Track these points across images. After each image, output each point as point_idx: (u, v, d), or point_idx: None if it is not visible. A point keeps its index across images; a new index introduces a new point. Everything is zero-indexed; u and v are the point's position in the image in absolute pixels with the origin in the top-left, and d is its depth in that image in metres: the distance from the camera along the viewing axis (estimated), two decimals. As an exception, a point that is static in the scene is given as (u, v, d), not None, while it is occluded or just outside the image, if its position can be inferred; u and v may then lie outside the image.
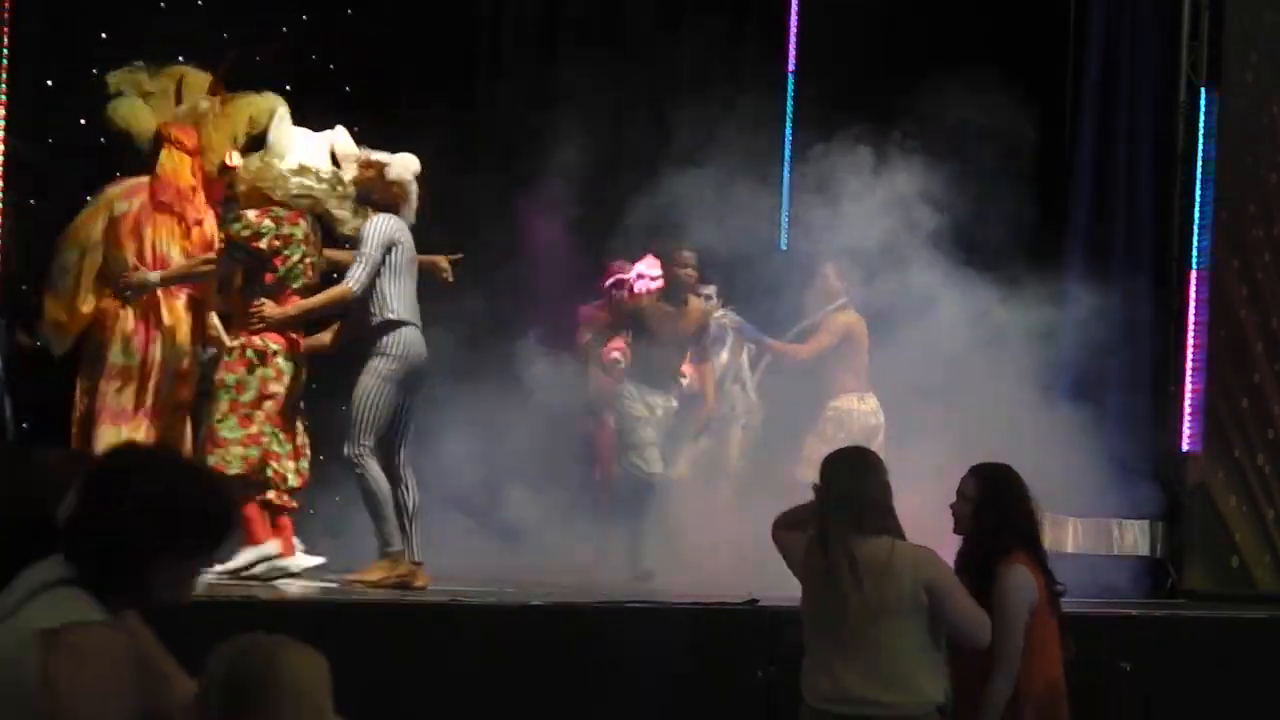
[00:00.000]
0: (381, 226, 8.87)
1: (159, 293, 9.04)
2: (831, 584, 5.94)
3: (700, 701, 7.96)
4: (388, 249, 8.83)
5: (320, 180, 9.08)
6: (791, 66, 12.13)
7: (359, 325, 8.96)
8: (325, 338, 9.26)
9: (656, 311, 10.68)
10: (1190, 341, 13.08)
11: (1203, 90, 13.47)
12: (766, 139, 11.29)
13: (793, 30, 12.36)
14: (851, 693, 5.93)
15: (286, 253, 8.97)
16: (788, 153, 12.01)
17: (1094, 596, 11.04)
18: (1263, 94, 13.14)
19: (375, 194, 9.06)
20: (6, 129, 10.25)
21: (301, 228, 9.01)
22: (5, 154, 10.25)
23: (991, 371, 10.91)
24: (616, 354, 10.99)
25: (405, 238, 8.93)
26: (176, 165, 9.30)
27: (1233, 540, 12.80)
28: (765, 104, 11.35)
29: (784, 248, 12.18)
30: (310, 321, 9.11)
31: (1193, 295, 13.17)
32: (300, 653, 3.57)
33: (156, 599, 3.52)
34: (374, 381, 8.77)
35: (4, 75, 10.22)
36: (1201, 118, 13.42)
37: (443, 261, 9.42)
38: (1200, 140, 13.41)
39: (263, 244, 8.92)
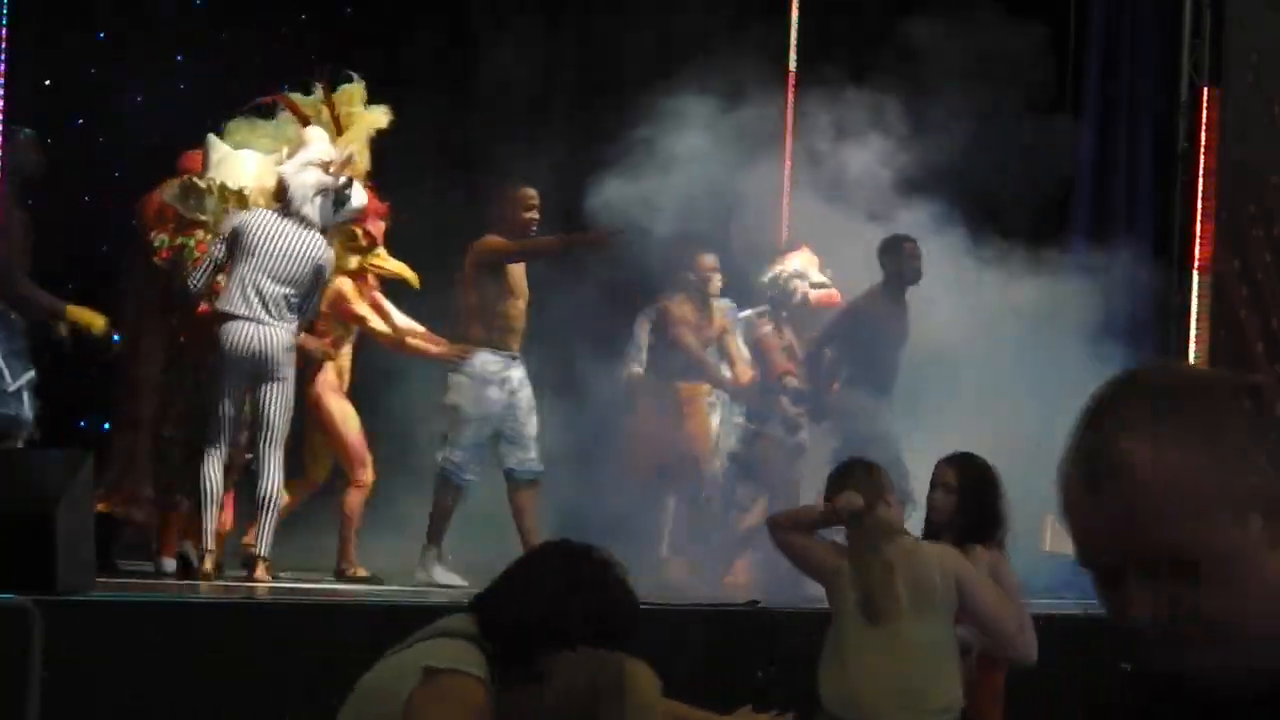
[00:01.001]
0: (225, 223, 9.03)
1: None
2: (868, 587, 5.91)
3: (700, 702, 7.94)
4: (229, 243, 8.93)
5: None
6: (793, 66, 12.11)
7: None
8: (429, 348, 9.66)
9: (884, 309, 10.23)
10: (1191, 342, 13.07)
11: (1204, 90, 13.46)
12: (767, 135, 11.24)
13: (793, 30, 12.34)
14: (889, 700, 5.87)
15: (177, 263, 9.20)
16: (789, 150, 11.97)
17: (1094, 597, 11.00)
18: (1263, 94, 13.14)
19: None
20: (6, 128, 10.24)
21: (195, 238, 9.14)
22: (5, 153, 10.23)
23: (991, 370, 10.89)
24: (793, 380, 10.68)
25: (249, 227, 8.91)
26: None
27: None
28: (766, 98, 11.29)
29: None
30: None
31: (1194, 296, 13.16)
32: (644, 667, 3.93)
33: (546, 683, 3.81)
34: (209, 377, 8.97)
35: (4, 75, 10.20)
36: (1202, 117, 13.41)
37: (598, 236, 9.40)
38: (1201, 140, 13.40)
39: (156, 260, 9.17)
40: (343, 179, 9.10)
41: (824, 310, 10.89)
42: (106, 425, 10.60)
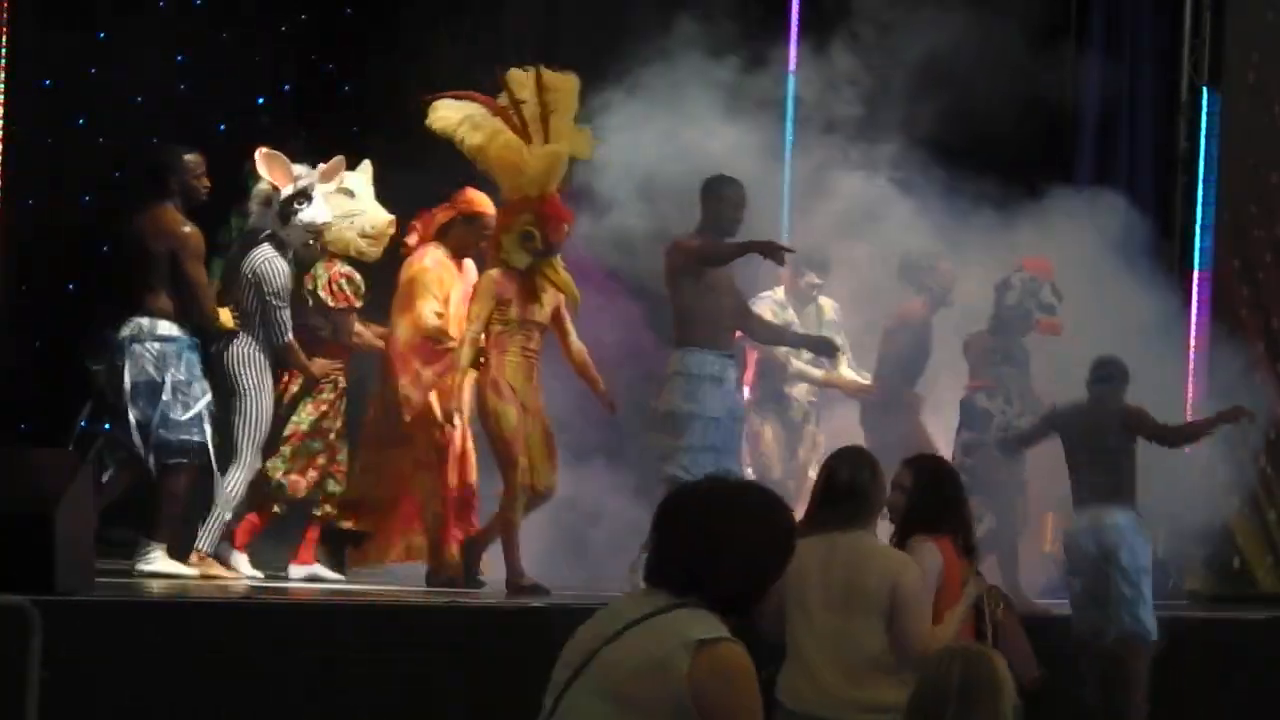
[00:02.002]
0: None
1: None
2: (810, 580, 5.96)
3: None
4: None
5: None
6: (792, 67, 12.09)
7: None
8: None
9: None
10: (1191, 342, 13.05)
11: (1204, 90, 13.45)
12: (767, 132, 11.20)
13: (793, 31, 12.32)
14: (829, 694, 5.93)
15: None
16: (788, 150, 11.95)
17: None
18: (1264, 94, 13.12)
19: None
20: (6, 129, 10.24)
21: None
22: (5, 154, 10.22)
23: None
24: (984, 398, 10.42)
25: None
26: None
27: (1234, 541, 12.78)
28: (766, 95, 11.26)
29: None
30: None
31: (1194, 296, 13.15)
32: (1002, 659, 4.22)
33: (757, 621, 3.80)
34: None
35: (4, 75, 10.20)
36: (1203, 118, 13.41)
37: (771, 246, 9.28)
38: (1202, 141, 13.40)
39: None
40: (288, 191, 9.00)
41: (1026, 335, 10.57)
42: (107, 425, 10.60)
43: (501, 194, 9.22)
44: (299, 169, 9.09)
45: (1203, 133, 13.38)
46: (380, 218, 9.37)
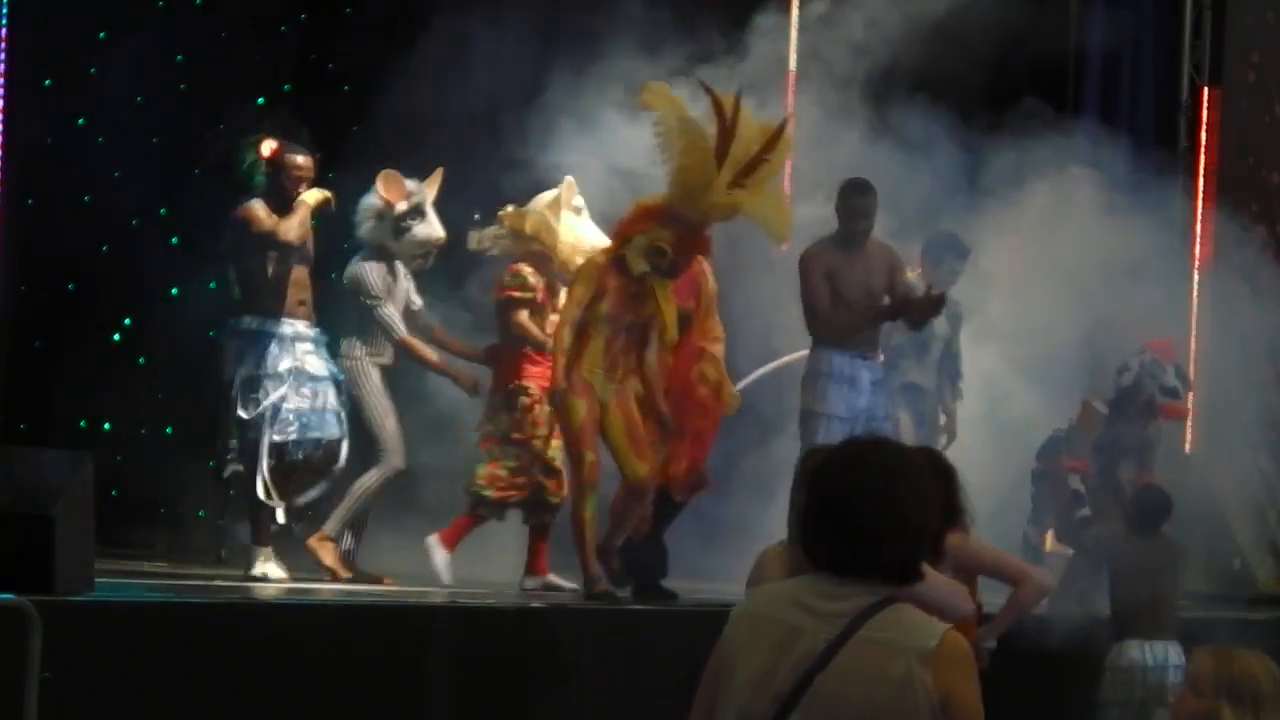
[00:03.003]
0: None
1: None
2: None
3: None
4: None
5: None
6: (792, 66, 12.10)
7: None
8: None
9: None
10: (1192, 341, 13.06)
11: (1204, 90, 13.46)
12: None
13: (793, 34, 12.32)
14: None
15: None
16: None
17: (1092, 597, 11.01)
18: (1264, 94, 13.15)
19: None
20: (6, 129, 10.25)
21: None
22: (5, 154, 10.23)
23: (994, 372, 10.89)
24: (1077, 479, 10.31)
25: None
26: None
27: (1234, 541, 12.79)
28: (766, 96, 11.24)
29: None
30: None
31: (1194, 295, 13.15)
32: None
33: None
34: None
35: (4, 75, 10.21)
36: (1203, 117, 13.41)
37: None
38: (1201, 140, 13.40)
39: None
40: (401, 207, 9.08)
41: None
42: (107, 425, 10.62)
43: (662, 197, 8.70)
44: (411, 184, 9.13)
45: (1202, 133, 13.39)
46: (601, 241, 9.17)
